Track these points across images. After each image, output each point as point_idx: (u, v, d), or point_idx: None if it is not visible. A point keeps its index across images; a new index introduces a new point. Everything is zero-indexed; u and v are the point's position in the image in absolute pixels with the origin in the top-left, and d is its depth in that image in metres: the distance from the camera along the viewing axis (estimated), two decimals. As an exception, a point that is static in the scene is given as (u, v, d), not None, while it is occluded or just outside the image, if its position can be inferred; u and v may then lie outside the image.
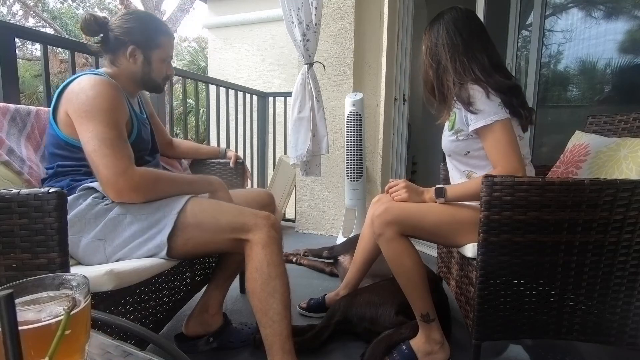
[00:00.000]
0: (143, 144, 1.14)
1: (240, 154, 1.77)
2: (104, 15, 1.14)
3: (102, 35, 1.10)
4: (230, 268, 1.27)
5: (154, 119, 1.35)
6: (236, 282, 1.44)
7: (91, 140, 0.92)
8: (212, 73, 4.64)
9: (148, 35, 1.11)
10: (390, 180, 1.19)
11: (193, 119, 7.15)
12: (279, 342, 0.93)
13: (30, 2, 11.17)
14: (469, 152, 1.16)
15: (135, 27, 1.09)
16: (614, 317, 0.98)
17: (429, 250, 2.10)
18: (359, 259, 1.44)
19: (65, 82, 1.02)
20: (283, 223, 2.97)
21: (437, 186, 1.13)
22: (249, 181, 1.59)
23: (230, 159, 1.55)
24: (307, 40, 2.19)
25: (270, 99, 3.06)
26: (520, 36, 2.51)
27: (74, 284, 0.39)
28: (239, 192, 1.35)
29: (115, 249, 0.94)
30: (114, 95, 0.99)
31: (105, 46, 1.11)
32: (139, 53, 1.10)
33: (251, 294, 0.96)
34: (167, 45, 1.15)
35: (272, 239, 0.96)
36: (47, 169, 1.05)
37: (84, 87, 0.97)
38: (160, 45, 1.13)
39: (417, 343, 1.13)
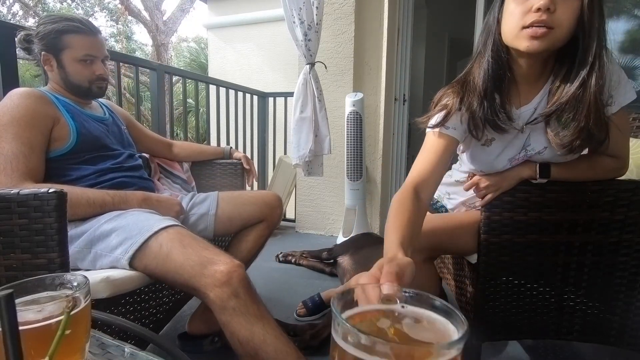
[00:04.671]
0: (96, 139, 1.09)
1: (241, 154, 1.76)
2: (27, 30, 1.08)
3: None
4: None
5: (136, 128, 1.36)
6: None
7: None
8: (212, 73, 4.64)
9: (53, 38, 1.04)
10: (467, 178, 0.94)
11: (193, 119, 7.15)
12: None
13: (30, 2, 11.17)
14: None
15: (41, 32, 1.04)
16: (614, 318, 0.98)
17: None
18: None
19: None
20: (283, 223, 2.97)
21: (540, 162, 0.88)
22: (253, 181, 1.58)
23: (238, 159, 1.54)
24: (309, 40, 2.19)
25: (271, 99, 3.06)
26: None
27: (74, 284, 0.39)
28: (249, 192, 1.34)
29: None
30: (24, 105, 0.95)
31: (36, 60, 1.08)
32: (51, 58, 1.05)
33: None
34: (79, 44, 1.06)
35: (231, 310, 0.78)
36: None
37: (1, 103, 0.95)
38: (68, 45, 1.05)
39: None
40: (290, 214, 3.01)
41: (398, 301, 0.37)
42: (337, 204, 2.70)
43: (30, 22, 11.73)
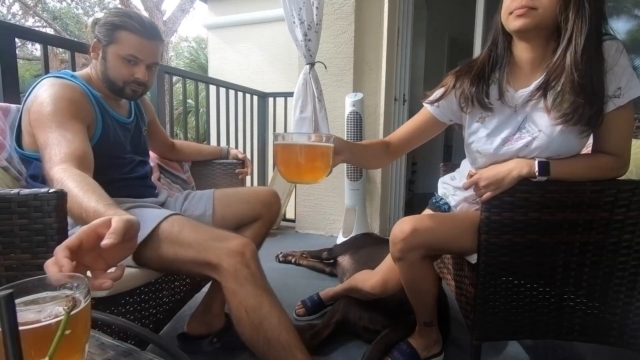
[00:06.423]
0: (112, 147, 1.08)
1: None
2: (96, 18, 1.09)
3: None
4: None
5: (154, 125, 1.33)
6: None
7: (44, 148, 0.87)
8: (212, 73, 4.64)
9: (108, 28, 1.04)
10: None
11: (193, 119, 7.15)
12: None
13: (30, 2, 11.16)
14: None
15: (101, 21, 1.05)
16: (614, 318, 0.98)
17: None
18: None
19: (29, 91, 0.98)
20: (283, 223, 2.97)
21: (539, 160, 0.89)
22: (245, 177, 1.57)
23: (235, 158, 1.54)
24: (309, 40, 2.19)
25: (270, 99, 3.06)
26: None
27: (74, 284, 0.39)
28: (244, 189, 1.34)
29: None
30: (68, 97, 0.95)
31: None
32: (100, 47, 1.05)
33: (242, 337, 0.86)
34: (127, 43, 1.04)
35: (243, 279, 0.82)
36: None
37: (39, 93, 0.95)
38: (117, 40, 1.04)
39: (416, 340, 1.16)
40: (290, 214, 3.01)
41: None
42: (337, 204, 2.70)
43: (30, 22, 11.74)
